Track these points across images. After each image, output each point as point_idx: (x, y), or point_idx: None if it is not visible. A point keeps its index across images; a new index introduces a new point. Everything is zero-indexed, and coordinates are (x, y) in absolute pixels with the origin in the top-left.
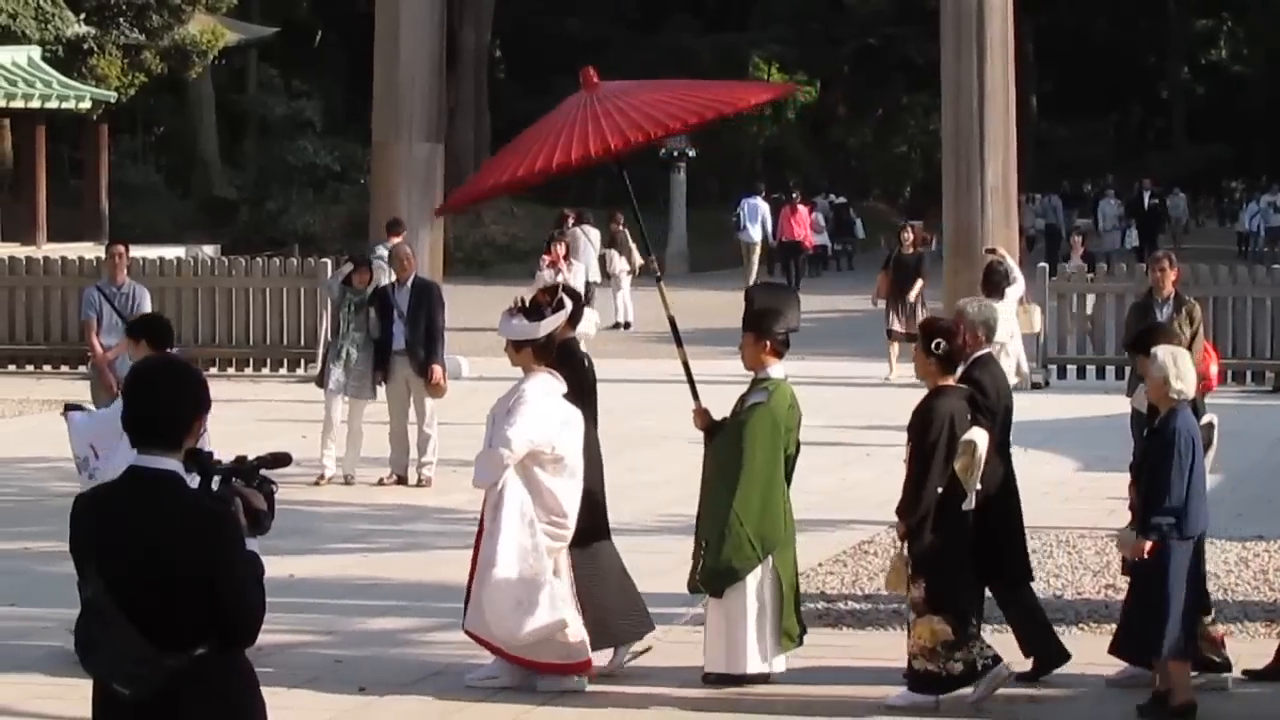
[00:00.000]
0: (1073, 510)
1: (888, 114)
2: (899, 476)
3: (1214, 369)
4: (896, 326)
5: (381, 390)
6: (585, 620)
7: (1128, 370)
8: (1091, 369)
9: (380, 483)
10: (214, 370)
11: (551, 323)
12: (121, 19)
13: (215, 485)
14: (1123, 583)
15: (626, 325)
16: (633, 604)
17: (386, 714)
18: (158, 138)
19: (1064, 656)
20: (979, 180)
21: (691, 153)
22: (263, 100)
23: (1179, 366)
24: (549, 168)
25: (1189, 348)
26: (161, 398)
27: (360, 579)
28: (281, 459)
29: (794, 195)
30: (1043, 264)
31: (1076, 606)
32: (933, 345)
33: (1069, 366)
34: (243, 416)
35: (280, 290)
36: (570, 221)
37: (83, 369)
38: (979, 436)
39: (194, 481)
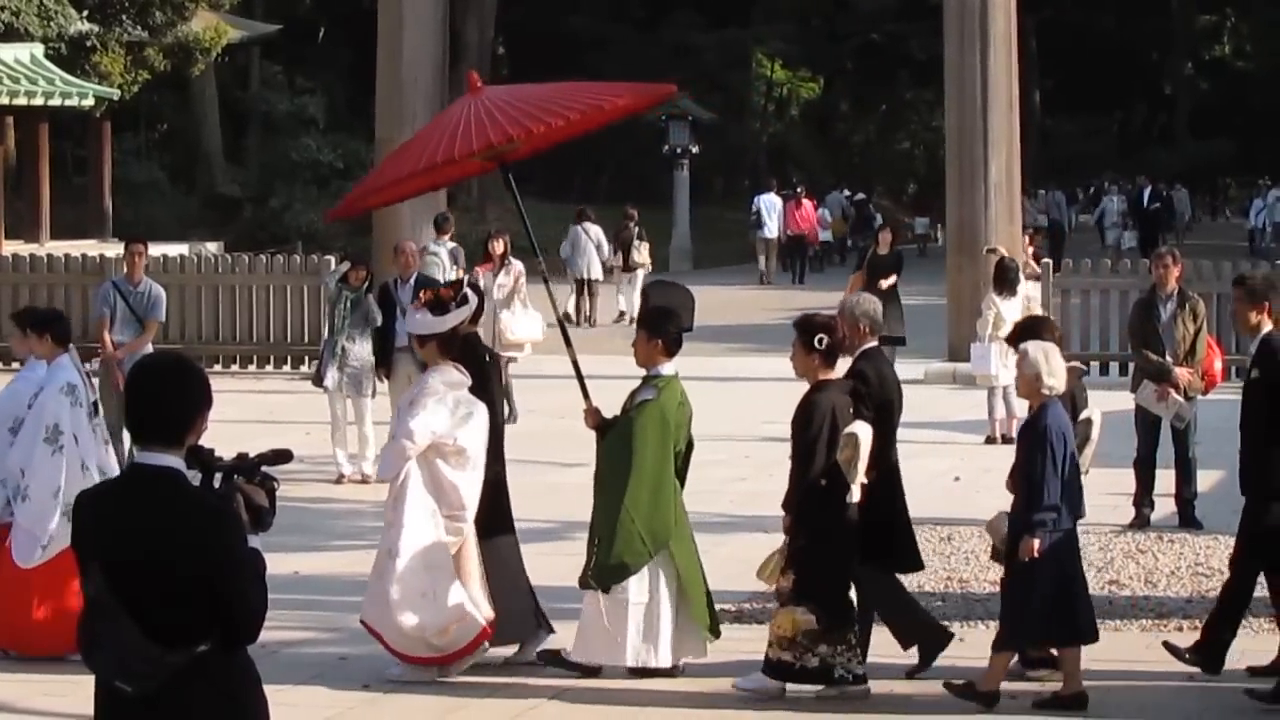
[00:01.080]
0: None
1: (891, 110)
2: (906, 473)
3: (1218, 365)
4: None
5: (383, 386)
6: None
7: (1131, 366)
8: (1096, 365)
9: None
10: (217, 367)
11: (455, 317)
12: (124, 16)
13: (217, 482)
14: (1125, 578)
15: (632, 320)
16: (524, 602)
17: (390, 711)
18: (161, 135)
19: (945, 636)
20: (982, 176)
21: (695, 150)
22: (266, 97)
23: (1050, 362)
24: (434, 169)
25: (1193, 344)
26: (164, 394)
27: (365, 576)
28: (283, 456)
29: (799, 191)
30: (1047, 260)
31: None
32: (815, 340)
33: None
34: (245, 414)
35: (283, 287)
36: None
37: (88, 366)
38: (861, 430)
39: (195, 478)
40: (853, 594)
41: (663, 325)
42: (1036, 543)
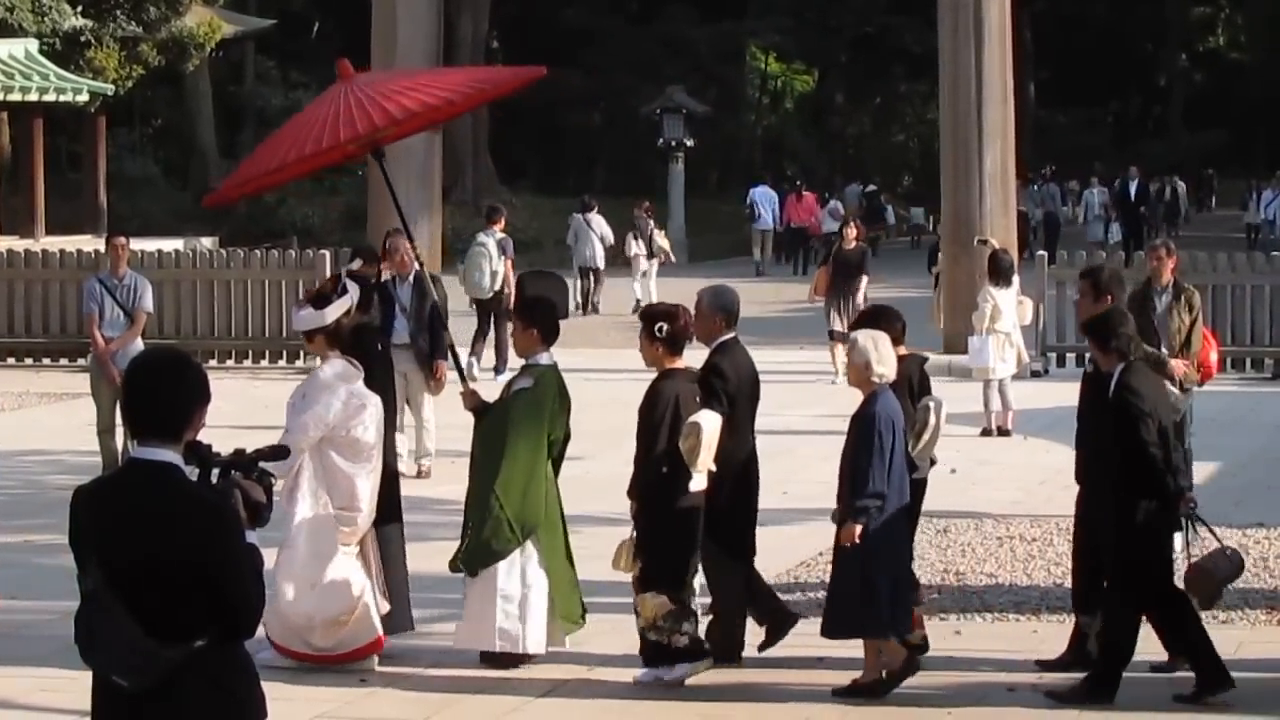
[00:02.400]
0: (1072, 498)
1: (886, 103)
2: None
3: (1214, 356)
4: (838, 326)
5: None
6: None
7: None
8: (1090, 357)
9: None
10: (213, 362)
11: (336, 309)
12: (119, 11)
13: (215, 478)
14: None
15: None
16: (402, 593)
17: (385, 704)
18: (155, 130)
19: (736, 658)
20: (977, 168)
21: (690, 143)
22: (260, 92)
23: (879, 351)
24: (309, 158)
25: (1188, 336)
26: (162, 389)
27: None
28: (280, 451)
29: (798, 183)
30: (1042, 252)
31: None
32: (656, 329)
33: (1068, 354)
34: (241, 409)
35: (279, 282)
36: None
37: (82, 361)
38: (705, 419)
39: (193, 474)
40: (702, 578)
41: (538, 314)
42: (859, 529)
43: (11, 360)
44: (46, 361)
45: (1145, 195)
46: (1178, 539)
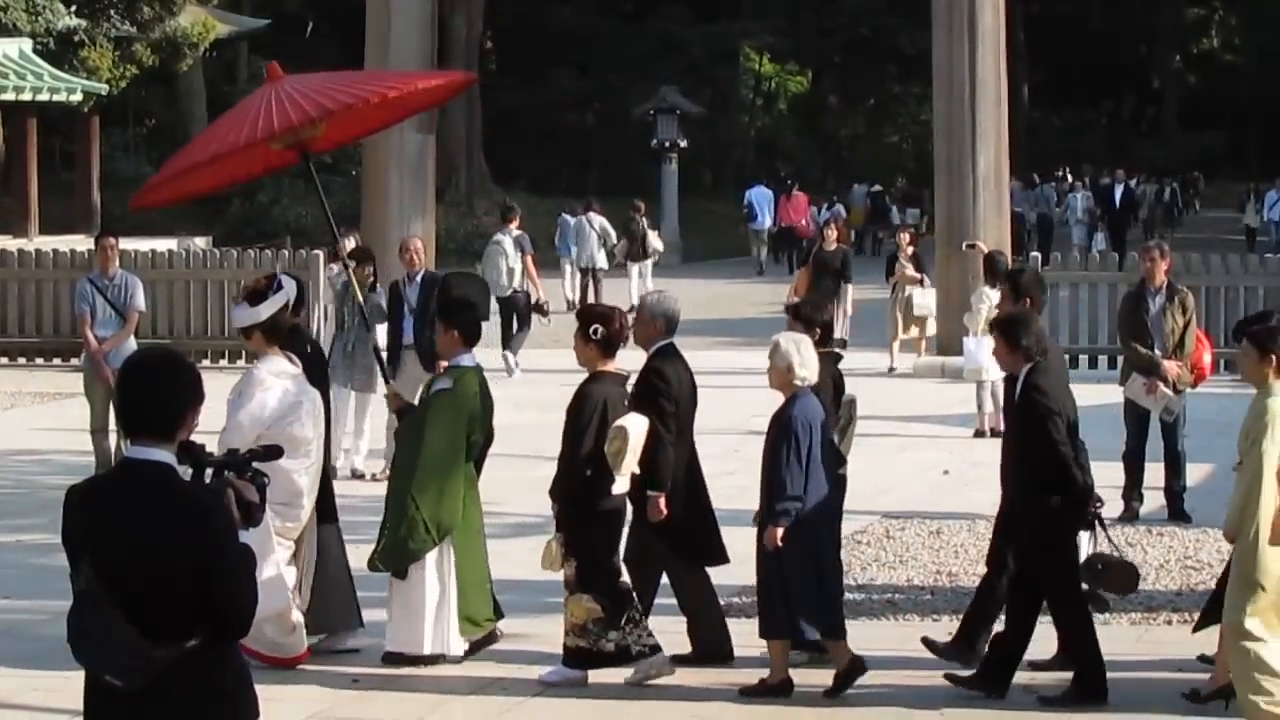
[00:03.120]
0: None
1: (879, 104)
2: (895, 467)
3: (1207, 358)
4: None
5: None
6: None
7: (1120, 360)
8: (1084, 358)
9: (373, 477)
10: (206, 362)
11: (270, 305)
12: (112, 11)
13: (208, 477)
14: None
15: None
16: (344, 592)
17: (379, 706)
18: (149, 130)
19: (728, 654)
20: (970, 170)
21: (683, 143)
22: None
23: (802, 354)
24: (231, 155)
25: (1182, 337)
26: (157, 389)
27: (358, 570)
28: (274, 451)
29: (789, 183)
30: (1035, 254)
31: None
32: (591, 331)
33: None
34: None
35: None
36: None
37: (75, 361)
38: (631, 423)
39: (187, 474)
40: (626, 577)
41: (459, 316)
42: (780, 532)
43: (5, 360)
44: (40, 361)
45: (1130, 199)
46: (1084, 540)
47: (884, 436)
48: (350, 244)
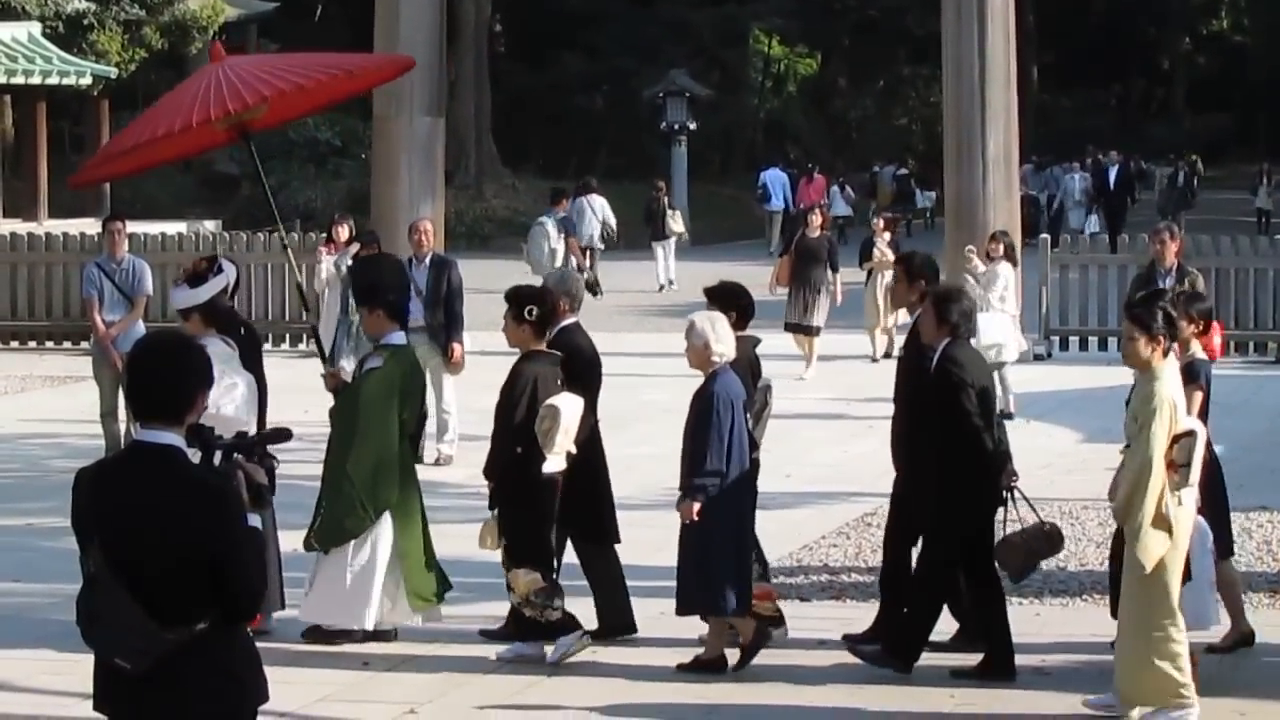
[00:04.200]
0: (1075, 481)
1: (889, 86)
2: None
3: (1217, 340)
4: (793, 318)
5: None
6: None
7: None
8: (1094, 340)
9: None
10: None
11: (210, 288)
12: None
13: (217, 460)
14: None
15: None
16: (274, 573)
17: (389, 687)
18: None
19: (630, 627)
20: (980, 152)
21: (692, 126)
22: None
23: (717, 330)
24: (172, 136)
25: None
26: (166, 372)
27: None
28: (282, 434)
29: (812, 167)
30: (1045, 235)
31: (1080, 578)
32: (525, 311)
33: (1071, 338)
34: None
35: (281, 266)
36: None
37: (85, 345)
38: (563, 402)
39: (196, 457)
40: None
41: (378, 295)
42: (697, 506)
43: (14, 343)
44: (49, 345)
45: (1126, 181)
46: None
47: (890, 419)
48: (344, 231)
